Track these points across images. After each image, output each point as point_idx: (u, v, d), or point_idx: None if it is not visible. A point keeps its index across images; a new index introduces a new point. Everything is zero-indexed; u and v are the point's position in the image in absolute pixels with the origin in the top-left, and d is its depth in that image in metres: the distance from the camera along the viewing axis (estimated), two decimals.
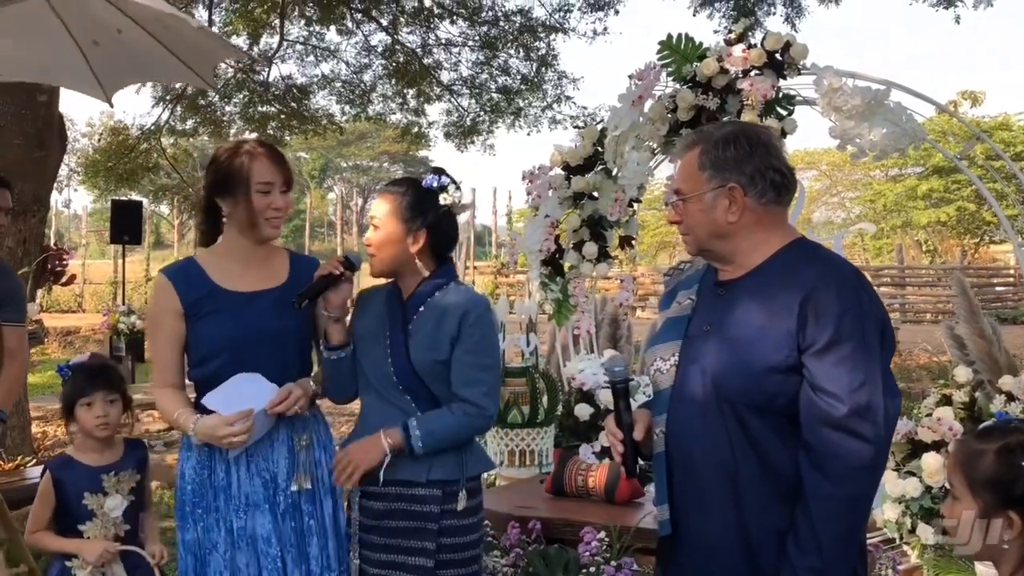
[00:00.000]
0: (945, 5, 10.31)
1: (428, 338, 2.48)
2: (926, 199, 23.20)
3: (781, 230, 2.03)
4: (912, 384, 11.39)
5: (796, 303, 1.87)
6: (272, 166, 2.53)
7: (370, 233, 2.56)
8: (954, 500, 1.73)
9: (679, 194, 2.05)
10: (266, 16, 11.96)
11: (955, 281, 4.98)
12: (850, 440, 1.82)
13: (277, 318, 2.52)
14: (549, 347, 5.80)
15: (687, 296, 2.12)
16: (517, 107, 13.17)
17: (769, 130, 2.21)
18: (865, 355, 1.85)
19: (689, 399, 1.99)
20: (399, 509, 2.48)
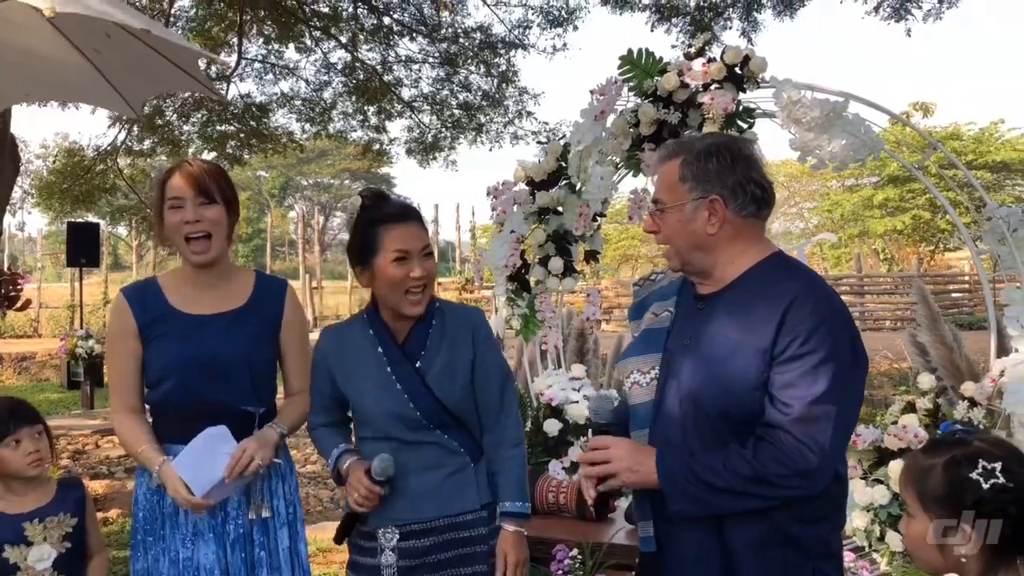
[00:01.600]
0: (896, 19, 10.54)
1: (445, 370, 2.32)
2: (882, 208, 23.63)
3: (759, 243, 2.02)
4: (874, 391, 11.53)
5: (774, 320, 1.87)
6: (183, 179, 2.41)
7: (427, 262, 2.30)
8: (909, 517, 1.71)
9: (659, 204, 2.03)
10: (224, 34, 11.88)
11: (916, 289, 5.05)
12: (793, 447, 1.83)
13: (228, 343, 2.44)
14: (517, 363, 5.79)
15: (664, 308, 2.11)
16: (479, 123, 13.22)
17: (750, 143, 2.21)
18: (830, 370, 1.84)
19: (670, 415, 1.98)
20: (447, 540, 2.33)
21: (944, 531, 1.63)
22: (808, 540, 1.92)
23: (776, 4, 11.04)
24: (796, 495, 1.89)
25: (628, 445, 1.97)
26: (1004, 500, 1.59)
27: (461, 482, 2.33)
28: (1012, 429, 3.46)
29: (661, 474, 1.91)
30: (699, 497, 1.88)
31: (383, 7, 12.14)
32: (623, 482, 1.95)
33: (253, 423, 2.48)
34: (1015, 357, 3.63)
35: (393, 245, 2.26)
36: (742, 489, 1.86)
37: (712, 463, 1.88)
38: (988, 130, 23.73)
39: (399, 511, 2.31)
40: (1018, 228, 3.79)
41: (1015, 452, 1.67)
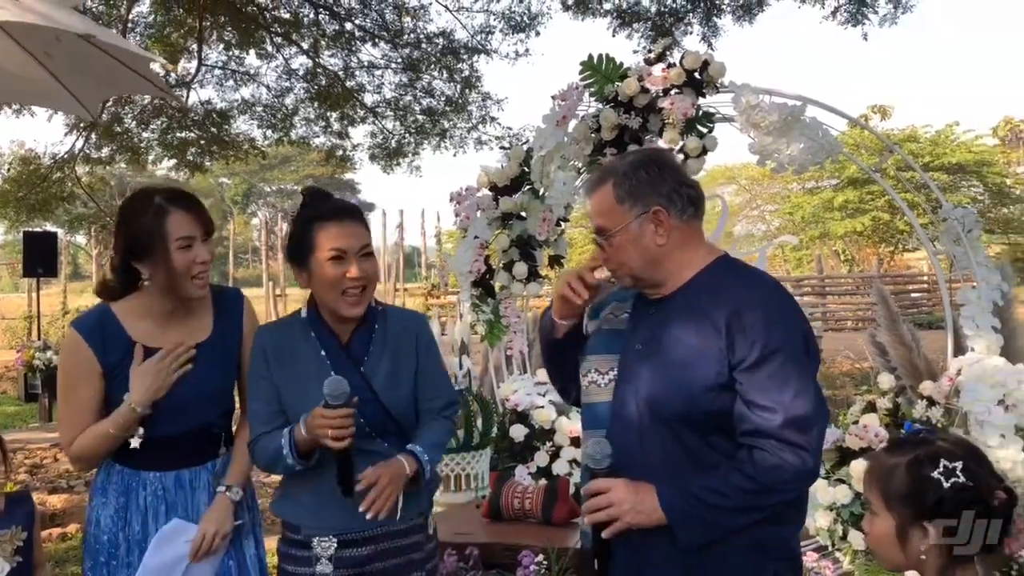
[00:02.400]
0: (853, 23, 10.69)
1: (390, 376, 2.27)
2: (842, 210, 23.96)
3: (704, 246, 2.07)
4: (836, 391, 11.68)
5: (723, 321, 1.90)
6: (188, 217, 2.30)
7: (364, 263, 2.23)
8: (872, 515, 1.74)
9: (603, 232, 2.04)
10: (183, 41, 11.74)
11: (875, 290, 5.12)
12: (787, 451, 1.85)
13: (200, 378, 2.37)
14: (482, 368, 5.78)
15: (622, 309, 2.13)
16: (442, 128, 13.18)
17: (668, 151, 2.27)
18: (795, 368, 1.89)
19: (627, 419, 2.00)
20: (386, 549, 2.26)
21: (907, 528, 1.66)
22: (770, 541, 1.95)
23: (735, 9, 11.16)
24: (795, 496, 1.94)
25: (627, 486, 1.94)
26: (964, 499, 1.62)
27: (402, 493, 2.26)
28: (969, 427, 3.52)
29: (666, 509, 1.90)
30: (708, 521, 1.88)
31: (345, 13, 12.08)
32: (628, 524, 1.92)
33: (219, 442, 2.47)
34: (971, 356, 3.70)
35: (329, 244, 2.19)
36: (750, 504, 1.87)
37: (714, 485, 1.88)
38: (944, 132, 24.18)
39: (338, 520, 2.23)
40: (972, 229, 3.87)
41: (975, 452, 1.71)
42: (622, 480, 1.94)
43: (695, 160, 3.89)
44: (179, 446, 2.39)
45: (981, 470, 1.66)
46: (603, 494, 1.94)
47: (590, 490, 1.96)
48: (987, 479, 1.65)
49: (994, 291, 3.79)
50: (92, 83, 3.48)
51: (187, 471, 2.41)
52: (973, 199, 23.28)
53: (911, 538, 1.66)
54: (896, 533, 1.68)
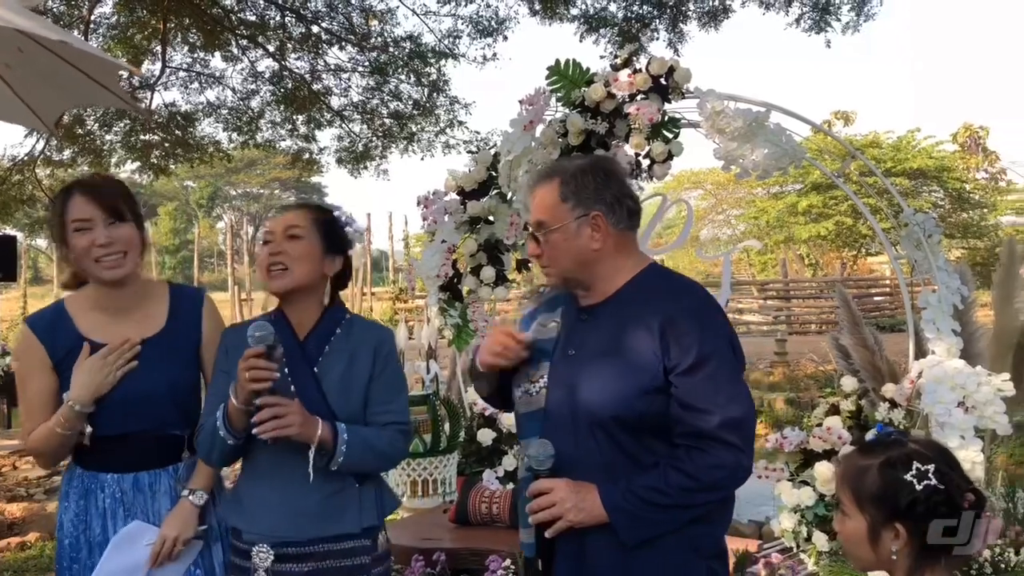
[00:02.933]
0: (816, 30, 10.83)
1: (343, 380, 2.26)
2: (806, 215, 24.20)
3: (636, 255, 2.15)
4: (801, 393, 11.81)
5: (657, 326, 1.98)
6: (86, 199, 2.28)
7: (285, 243, 2.25)
8: (843, 515, 1.77)
9: (542, 226, 2.11)
10: (147, 42, 11.60)
11: (838, 294, 5.19)
12: (723, 450, 1.93)
13: (148, 375, 2.33)
14: (450, 373, 5.77)
15: (551, 319, 2.18)
16: (410, 132, 13.14)
17: (616, 160, 2.37)
18: (727, 371, 1.98)
19: (562, 424, 2.04)
20: (328, 567, 2.22)
21: (878, 529, 1.69)
22: (702, 539, 2.02)
23: (701, 16, 11.26)
24: (730, 493, 2.03)
25: (569, 486, 1.99)
26: (936, 501, 1.66)
27: (342, 503, 2.24)
28: (930, 428, 3.57)
29: (608, 508, 1.95)
30: (650, 519, 1.95)
31: (311, 16, 12.01)
32: (570, 523, 1.97)
33: (181, 446, 2.42)
34: (932, 359, 3.75)
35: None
36: (689, 502, 1.95)
37: (654, 484, 1.95)
38: (905, 138, 24.52)
39: (275, 526, 2.22)
40: (933, 233, 3.93)
41: (946, 454, 1.74)
42: (564, 480, 1.99)
43: (661, 165, 3.91)
44: (133, 446, 2.34)
45: (952, 473, 1.70)
46: (546, 494, 1.99)
47: (533, 491, 2.01)
48: (958, 481, 1.69)
49: (954, 295, 3.85)
50: (51, 94, 3.43)
51: (146, 474, 2.37)
52: (934, 204, 23.64)
53: (882, 539, 1.69)
54: (867, 533, 1.70)
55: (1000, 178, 29.31)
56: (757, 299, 23.14)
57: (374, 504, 2.30)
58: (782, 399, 11.73)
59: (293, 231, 2.27)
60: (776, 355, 14.56)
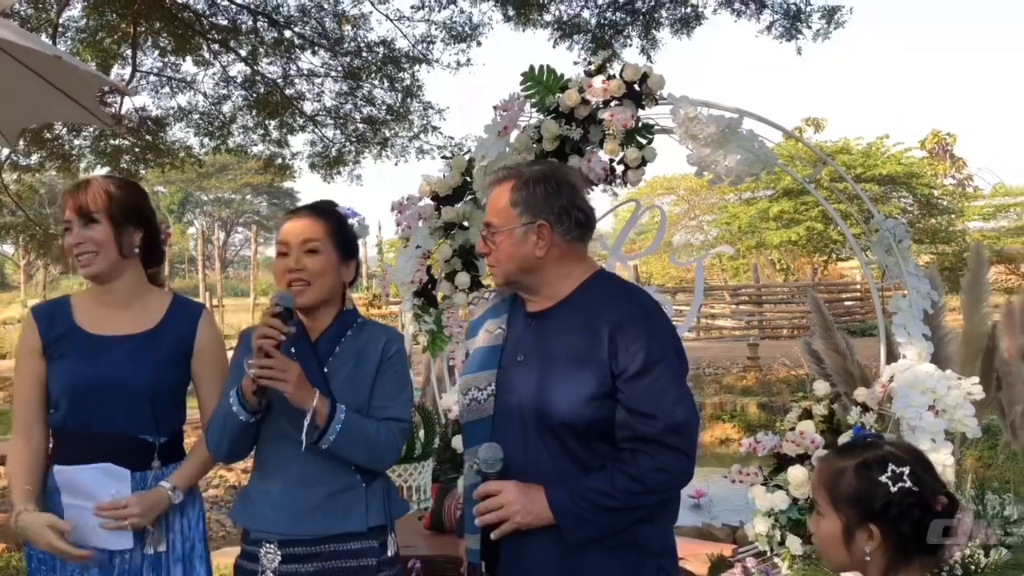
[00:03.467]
0: (787, 38, 10.95)
1: (350, 380, 2.26)
2: (778, 220, 24.41)
3: (583, 263, 2.17)
4: (774, 398, 11.91)
5: (606, 332, 2.00)
6: (67, 202, 2.40)
7: (304, 258, 2.26)
8: (819, 516, 1.79)
9: (491, 227, 2.14)
10: (117, 46, 11.49)
11: (809, 299, 5.23)
12: (668, 454, 1.97)
13: (130, 368, 2.34)
14: (424, 379, 5.74)
15: (497, 325, 2.19)
16: (383, 137, 13.11)
17: (575, 171, 2.40)
18: (673, 377, 2.01)
19: (510, 429, 2.05)
20: (334, 568, 2.21)
21: (853, 530, 1.70)
22: (648, 537, 2.05)
23: (674, 23, 11.34)
24: (673, 495, 2.07)
25: (517, 487, 2.00)
26: (910, 503, 1.68)
27: (348, 501, 2.24)
28: (901, 432, 3.61)
29: (555, 510, 1.97)
30: (596, 521, 1.98)
31: (284, 20, 11.95)
32: (517, 524, 1.98)
33: (152, 453, 2.38)
34: (903, 363, 3.79)
35: (278, 238, 2.34)
36: (634, 504, 1.98)
37: (600, 487, 1.97)
38: (875, 145, 24.82)
39: (281, 522, 2.22)
40: (903, 239, 3.97)
41: (922, 458, 1.76)
42: (512, 482, 2.01)
43: (635, 171, 3.93)
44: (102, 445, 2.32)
45: (927, 475, 1.72)
46: (494, 496, 2.00)
47: (481, 493, 2.02)
48: (932, 484, 1.71)
49: (924, 299, 3.89)
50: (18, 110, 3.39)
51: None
52: (903, 210, 23.94)
53: (856, 539, 1.71)
54: (842, 534, 1.72)
55: (967, 184, 29.80)
56: (729, 304, 23.29)
57: (381, 504, 2.29)
58: (755, 403, 11.81)
59: (311, 245, 2.28)
60: (749, 360, 14.66)
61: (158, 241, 2.52)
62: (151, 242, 2.48)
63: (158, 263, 2.55)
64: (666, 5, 11.26)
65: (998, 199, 26.97)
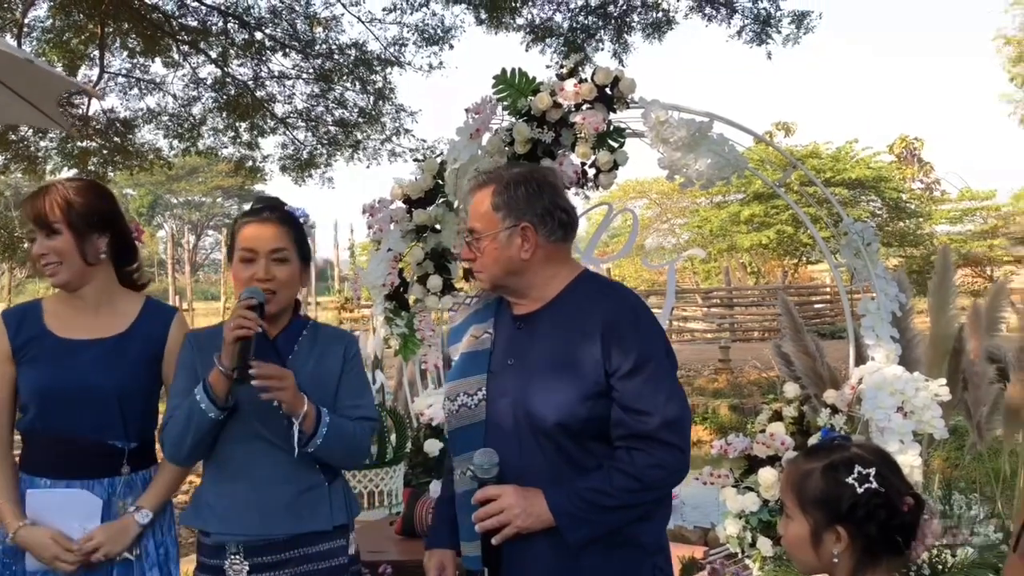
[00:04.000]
0: (758, 43, 11.05)
1: (314, 378, 2.27)
2: (749, 224, 24.60)
3: (568, 264, 2.18)
4: (745, 400, 11.99)
5: (598, 332, 2.01)
6: (27, 210, 2.35)
7: (273, 268, 2.24)
8: (787, 519, 1.80)
9: (474, 233, 2.14)
10: (84, 47, 11.34)
11: (780, 301, 5.27)
12: (664, 450, 1.98)
13: (99, 373, 2.32)
14: (396, 383, 5.72)
15: (483, 330, 2.19)
16: (355, 140, 13.06)
17: (554, 172, 2.42)
18: (665, 373, 2.04)
19: (504, 432, 2.05)
20: (307, 572, 2.22)
21: (821, 532, 1.71)
22: (644, 537, 2.06)
23: (645, 27, 11.40)
24: (669, 492, 2.08)
25: (515, 491, 2.00)
26: (876, 504, 1.69)
27: (314, 500, 2.25)
28: (870, 433, 3.64)
29: (555, 511, 1.97)
30: (595, 520, 1.98)
31: (255, 22, 11.86)
32: (518, 528, 1.98)
33: (121, 459, 2.36)
34: (872, 365, 3.82)
35: (241, 244, 2.26)
36: (632, 502, 1.99)
37: (598, 486, 1.98)
38: (844, 149, 25.10)
39: (248, 524, 2.20)
40: (871, 242, 4.01)
41: (888, 459, 1.78)
42: (511, 486, 2.01)
43: (606, 174, 3.93)
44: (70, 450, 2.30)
45: (893, 477, 1.73)
46: (493, 501, 1.99)
47: (480, 498, 2.01)
48: (898, 486, 1.72)
49: (893, 302, 3.93)
50: None
51: (79, 483, 2.32)
52: (872, 213, 24.21)
53: (824, 541, 1.72)
54: (810, 536, 1.73)
55: (935, 188, 30.19)
56: (701, 307, 23.44)
57: (343, 503, 2.32)
58: (726, 405, 11.88)
59: (281, 254, 2.26)
60: (720, 362, 14.76)
61: (129, 241, 2.47)
62: (121, 243, 2.44)
63: (132, 262, 2.51)
64: (638, 9, 11.33)
65: (964, 203, 27.35)
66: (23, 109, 3.24)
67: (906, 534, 1.71)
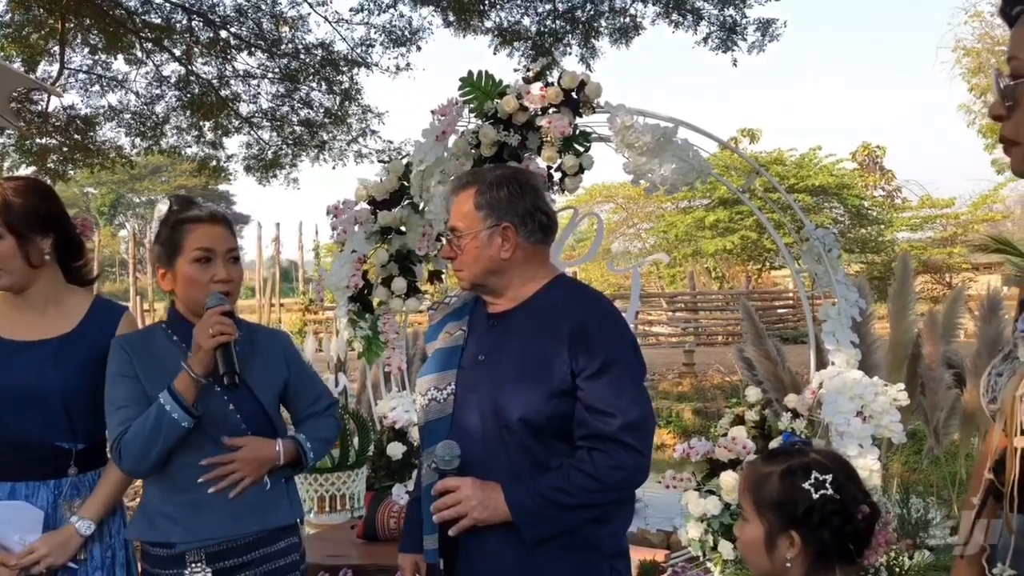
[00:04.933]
0: (724, 49, 11.15)
1: (263, 378, 2.27)
2: (713, 229, 24.78)
3: (546, 267, 2.22)
4: (708, 403, 12.08)
5: (567, 333, 2.04)
6: None
7: (231, 268, 2.24)
8: (743, 521, 1.81)
9: (456, 232, 2.18)
10: (44, 42, 11.15)
11: (742, 307, 5.31)
12: (623, 452, 2.00)
13: (43, 373, 2.27)
14: (360, 385, 5.69)
15: (458, 327, 2.22)
16: (321, 140, 12.97)
17: (536, 175, 2.53)
18: (630, 377, 2.06)
19: (469, 427, 2.08)
20: (266, 572, 2.22)
21: (775, 536, 1.72)
22: (602, 539, 2.08)
23: (612, 32, 11.46)
24: (629, 494, 2.11)
25: (474, 484, 2.02)
26: (831, 510, 1.70)
27: (275, 497, 2.28)
28: (830, 438, 3.68)
29: (512, 506, 1.99)
30: (552, 518, 2.00)
31: (220, 20, 11.74)
32: (475, 520, 2.00)
33: (68, 460, 2.31)
34: (832, 370, 3.87)
35: (195, 244, 2.22)
36: (590, 501, 2.01)
37: (557, 484, 2.00)
38: (808, 156, 25.38)
39: (214, 528, 2.18)
40: (832, 248, 4.06)
41: (846, 466, 1.79)
42: (470, 479, 2.03)
43: (572, 178, 3.94)
44: (13, 452, 2.25)
45: (849, 484, 1.74)
46: (451, 492, 2.02)
47: (438, 489, 2.04)
48: (854, 493, 1.73)
49: (853, 308, 3.97)
50: None
51: (24, 485, 2.27)
52: (834, 220, 24.49)
53: (778, 545, 1.72)
54: (764, 540, 1.73)
55: (896, 196, 30.63)
56: (666, 311, 23.58)
57: (297, 498, 2.37)
58: (690, 409, 11.96)
59: (235, 254, 2.29)
60: (684, 366, 14.85)
61: (74, 238, 2.41)
62: (66, 241, 2.38)
63: (79, 258, 2.45)
64: (605, 15, 11.38)
65: (925, 210, 27.79)
66: None
67: (860, 542, 1.73)
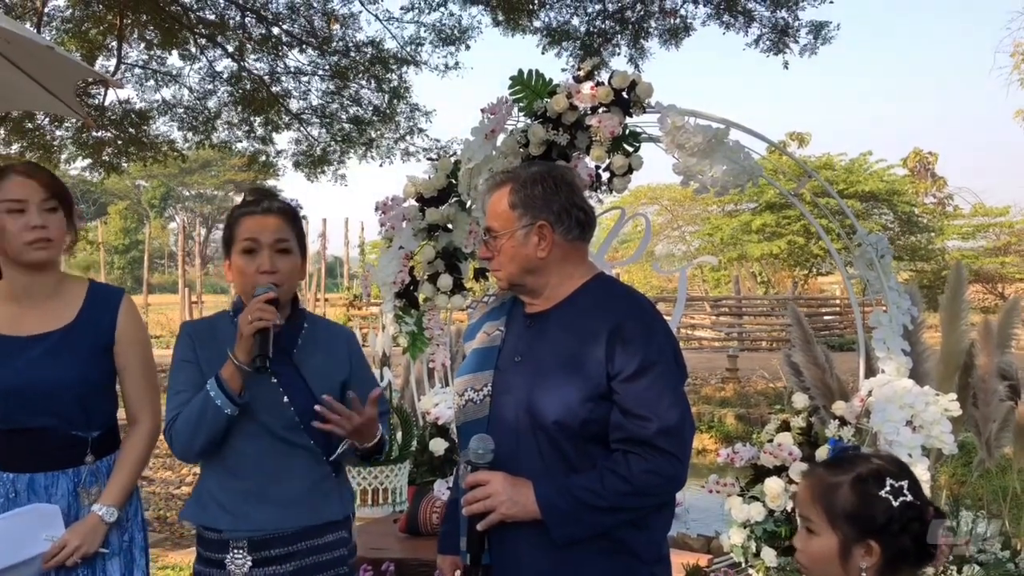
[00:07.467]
0: (775, 52, 11.02)
1: (321, 370, 2.26)
2: (759, 233, 24.54)
3: (584, 265, 2.16)
4: (751, 409, 11.95)
5: (604, 334, 1.99)
6: (23, 181, 2.25)
7: (277, 259, 2.22)
8: (810, 534, 1.76)
9: (491, 232, 2.14)
10: (102, 38, 11.40)
11: (791, 311, 5.24)
12: (659, 457, 1.95)
13: (52, 368, 2.27)
14: (403, 381, 5.72)
15: (495, 327, 2.19)
16: (369, 138, 13.08)
17: (572, 171, 2.44)
18: (669, 380, 2.00)
19: (504, 429, 2.04)
20: (312, 564, 2.21)
21: (851, 546, 1.69)
22: (641, 545, 2.03)
23: (662, 33, 11.39)
24: (665, 500, 2.04)
25: (505, 479, 1.99)
26: (910, 516, 1.68)
27: (326, 491, 2.26)
28: (878, 447, 3.61)
29: (541, 504, 1.95)
30: (582, 520, 1.95)
31: (272, 17, 11.91)
32: (503, 515, 1.97)
33: (85, 449, 2.34)
34: (882, 378, 3.80)
35: (243, 235, 2.21)
36: (622, 505, 1.96)
37: (589, 485, 1.95)
38: (858, 161, 25.02)
39: (263, 520, 2.19)
40: (885, 255, 3.99)
41: (909, 469, 1.76)
42: (501, 473, 1.99)
43: (620, 178, 3.92)
44: (31, 444, 2.28)
45: (918, 488, 1.71)
46: (481, 486, 1.98)
47: (469, 482, 2.00)
48: (923, 496, 1.71)
49: (904, 315, 3.90)
50: None
51: (43, 475, 2.30)
52: (883, 227, 24.12)
53: (853, 555, 1.69)
54: (839, 550, 1.70)
55: (947, 203, 30.05)
56: (710, 315, 23.38)
57: (349, 495, 2.36)
58: (732, 414, 11.85)
59: (284, 245, 2.24)
60: (728, 371, 14.71)
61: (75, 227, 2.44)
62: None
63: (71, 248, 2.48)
64: (655, 15, 11.31)
65: (977, 219, 27.24)
66: (40, 96, 3.23)
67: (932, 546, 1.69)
